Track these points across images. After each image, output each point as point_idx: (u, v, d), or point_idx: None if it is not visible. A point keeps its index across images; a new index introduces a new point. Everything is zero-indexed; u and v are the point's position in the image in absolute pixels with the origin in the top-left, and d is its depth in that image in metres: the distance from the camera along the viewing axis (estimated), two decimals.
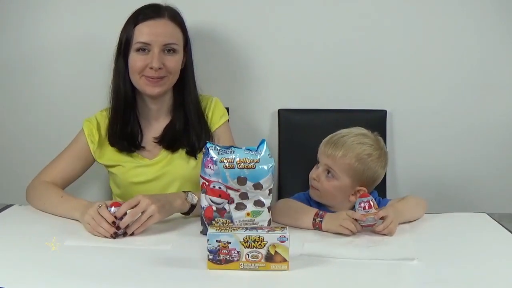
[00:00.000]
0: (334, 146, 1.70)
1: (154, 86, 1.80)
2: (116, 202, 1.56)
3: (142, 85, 1.81)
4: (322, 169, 1.72)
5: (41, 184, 1.79)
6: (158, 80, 1.80)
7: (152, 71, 1.78)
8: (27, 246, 1.48)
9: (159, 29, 1.78)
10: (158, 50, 1.77)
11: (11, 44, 2.20)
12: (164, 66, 1.79)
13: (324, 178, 1.72)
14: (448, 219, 1.75)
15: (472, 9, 2.18)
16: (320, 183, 1.72)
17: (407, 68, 2.22)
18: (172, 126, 1.86)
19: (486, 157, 2.26)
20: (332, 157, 1.70)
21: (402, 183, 2.26)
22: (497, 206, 2.17)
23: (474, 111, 2.24)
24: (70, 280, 1.27)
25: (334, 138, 1.73)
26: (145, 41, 1.78)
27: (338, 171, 1.69)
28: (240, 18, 2.19)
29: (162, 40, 1.78)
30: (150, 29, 1.78)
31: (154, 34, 1.77)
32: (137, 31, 1.78)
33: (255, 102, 2.25)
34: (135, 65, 1.79)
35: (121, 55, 1.81)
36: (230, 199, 1.52)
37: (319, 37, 2.20)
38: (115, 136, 1.84)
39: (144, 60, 1.78)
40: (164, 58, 1.79)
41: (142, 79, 1.80)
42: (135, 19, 1.79)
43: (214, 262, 1.32)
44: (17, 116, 2.25)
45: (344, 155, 1.68)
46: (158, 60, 1.77)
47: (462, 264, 1.40)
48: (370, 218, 1.55)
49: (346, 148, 1.69)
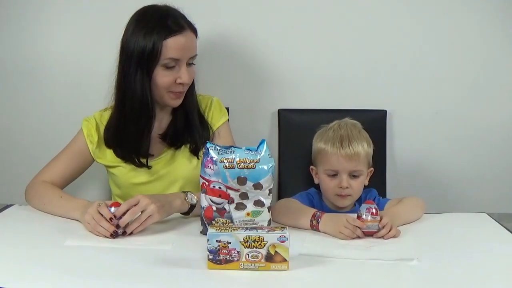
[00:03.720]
0: (350, 144, 1.72)
1: (178, 99, 1.79)
2: (116, 202, 1.56)
3: (167, 99, 1.77)
4: (346, 175, 1.73)
5: (40, 184, 1.79)
6: (181, 94, 1.79)
7: (181, 87, 1.75)
8: (27, 246, 1.48)
9: (188, 43, 1.74)
10: (186, 65, 1.75)
11: (11, 45, 2.20)
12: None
13: (352, 182, 1.74)
14: (448, 219, 1.75)
15: (473, 9, 2.18)
16: (351, 188, 1.74)
17: (407, 68, 2.22)
18: (174, 123, 1.85)
19: (486, 157, 2.26)
20: (355, 158, 1.72)
21: (402, 183, 2.26)
22: (497, 206, 2.17)
23: (474, 111, 2.24)
24: (70, 280, 1.27)
25: (342, 137, 1.74)
26: (176, 57, 1.72)
27: (362, 167, 1.73)
28: (240, 18, 2.19)
29: (190, 54, 1.75)
30: (181, 44, 1.72)
31: (184, 50, 1.73)
32: (168, 46, 1.70)
33: (255, 102, 2.25)
34: (163, 81, 1.73)
35: (144, 68, 1.71)
36: (230, 199, 1.52)
37: (319, 37, 2.20)
38: (124, 151, 1.80)
39: (171, 75, 1.73)
40: (189, 71, 1.76)
41: (168, 94, 1.76)
42: (160, 33, 1.70)
43: (214, 262, 1.32)
44: (17, 116, 2.25)
45: (362, 147, 1.73)
46: (189, 75, 1.75)
47: (462, 264, 1.40)
48: (374, 224, 1.53)
49: (356, 141, 1.73)
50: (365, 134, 1.81)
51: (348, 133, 1.76)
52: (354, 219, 1.55)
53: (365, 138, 1.79)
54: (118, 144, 1.81)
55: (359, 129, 1.82)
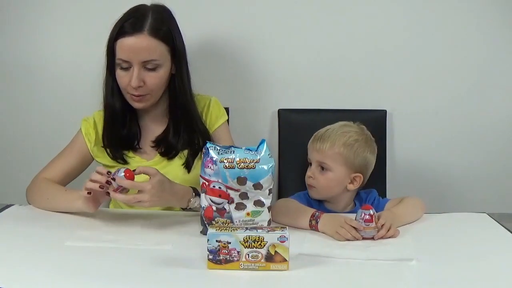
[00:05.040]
0: (321, 140, 1.78)
1: (139, 102, 1.79)
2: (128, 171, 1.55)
3: (129, 100, 1.80)
4: (315, 166, 1.79)
5: (42, 181, 1.80)
6: (141, 98, 1.78)
7: (133, 89, 1.75)
8: (27, 246, 1.48)
9: (138, 46, 1.70)
10: (138, 68, 1.71)
11: (10, 45, 2.20)
12: (144, 84, 1.74)
13: (318, 174, 1.78)
14: (448, 219, 1.75)
15: (473, 9, 2.18)
16: (316, 180, 1.78)
17: (407, 68, 2.22)
18: (167, 133, 1.85)
19: (486, 157, 2.26)
20: (321, 151, 1.77)
21: (402, 183, 2.26)
22: (497, 206, 2.17)
23: (474, 111, 2.24)
24: (70, 280, 1.27)
25: (320, 134, 1.81)
26: (124, 59, 1.72)
27: (330, 163, 1.76)
28: (240, 18, 2.19)
29: (141, 58, 1.71)
30: (129, 46, 1.71)
31: (133, 52, 1.71)
32: (118, 47, 1.72)
33: (255, 102, 2.25)
34: (119, 82, 1.76)
35: (108, 67, 1.78)
36: (230, 199, 1.52)
37: (320, 37, 2.21)
38: (108, 144, 1.83)
39: (126, 76, 1.74)
40: (145, 75, 1.73)
41: (128, 95, 1.79)
42: (116, 32, 1.72)
43: (214, 262, 1.32)
44: (16, 116, 2.25)
45: (332, 146, 1.76)
46: (136, 79, 1.72)
47: (462, 264, 1.40)
48: (368, 231, 1.53)
49: (332, 139, 1.77)
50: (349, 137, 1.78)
51: (330, 131, 1.80)
52: (351, 220, 1.55)
53: (344, 140, 1.76)
54: (108, 143, 1.84)
55: (344, 131, 1.79)
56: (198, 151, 1.82)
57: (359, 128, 1.83)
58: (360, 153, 1.77)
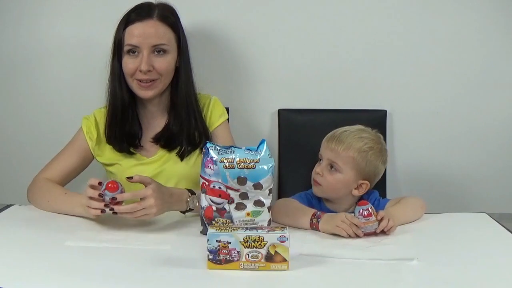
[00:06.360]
0: (337, 140, 1.76)
1: (146, 90, 1.80)
2: (113, 182, 1.55)
3: (136, 89, 1.82)
4: (325, 164, 1.77)
5: (43, 182, 1.80)
6: (150, 84, 1.80)
7: (142, 74, 1.78)
8: (27, 246, 1.48)
9: (148, 31, 1.77)
10: (147, 52, 1.77)
11: (9, 43, 2.20)
12: (154, 68, 1.78)
13: (327, 173, 1.76)
14: (448, 219, 1.75)
15: (473, 8, 2.18)
16: (323, 178, 1.76)
17: (407, 68, 2.22)
18: (168, 126, 1.87)
19: (486, 157, 2.26)
20: (335, 151, 1.75)
21: (402, 183, 2.26)
22: (497, 206, 2.17)
23: (474, 111, 2.24)
24: (70, 280, 1.27)
25: (337, 133, 1.79)
26: (134, 44, 1.77)
27: (341, 164, 1.74)
28: (240, 18, 2.19)
29: (151, 42, 1.77)
30: (138, 31, 1.77)
31: (143, 36, 1.76)
32: (127, 34, 1.78)
33: (255, 102, 2.24)
34: (127, 68, 1.79)
35: (116, 57, 1.81)
36: (230, 199, 1.52)
37: (319, 37, 2.20)
38: (113, 137, 1.84)
39: (134, 62, 1.78)
40: (154, 60, 1.78)
41: (134, 82, 1.80)
42: (125, 20, 1.79)
43: (214, 262, 1.32)
44: (16, 116, 2.25)
45: (347, 148, 1.74)
46: (146, 63, 1.76)
47: (462, 264, 1.40)
48: (369, 226, 1.54)
49: (348, 142, 1.75)
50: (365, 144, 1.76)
51: (347, 133, 1.77)
52: (352, 217, 1.56)
53: (359, 146, 1.74)
54: (113, 136, 1.84)
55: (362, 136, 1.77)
56: (196, 146, 1.84)
57: (376, 136, 1.81)
58: (372, 161, 1.76)
